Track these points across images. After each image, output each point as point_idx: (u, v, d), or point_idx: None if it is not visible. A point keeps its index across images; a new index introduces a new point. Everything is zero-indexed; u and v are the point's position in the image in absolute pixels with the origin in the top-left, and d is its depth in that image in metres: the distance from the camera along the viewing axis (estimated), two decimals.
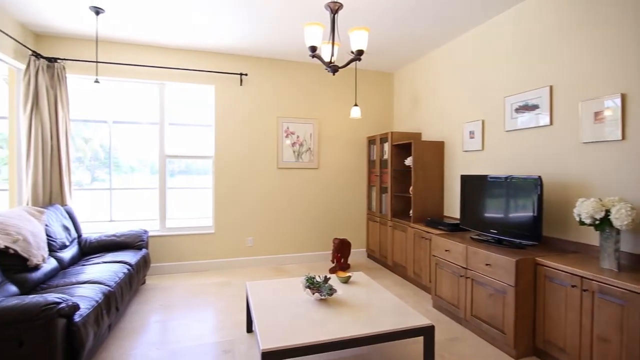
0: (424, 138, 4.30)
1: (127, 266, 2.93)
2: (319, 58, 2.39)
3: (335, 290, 2.28)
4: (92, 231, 3.73)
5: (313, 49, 2.32)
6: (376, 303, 2.28)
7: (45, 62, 3.50)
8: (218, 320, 2.90)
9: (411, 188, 3.88)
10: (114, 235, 3.47)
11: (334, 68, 2.44)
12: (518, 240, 2.55)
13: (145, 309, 3.09)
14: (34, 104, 3.37)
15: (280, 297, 2.38)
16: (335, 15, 2.37)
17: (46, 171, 3.44)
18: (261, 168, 4.45)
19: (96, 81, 3.22)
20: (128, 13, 3.19)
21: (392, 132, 4.22)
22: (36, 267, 2.49)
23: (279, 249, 4.55)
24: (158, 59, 4.03)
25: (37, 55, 3.42)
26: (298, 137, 4.56)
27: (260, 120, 4.44)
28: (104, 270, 2.70)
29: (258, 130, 4.43)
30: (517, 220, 2.58)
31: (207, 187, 4.48)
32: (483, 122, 3.36)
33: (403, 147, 4.20)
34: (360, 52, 2.35)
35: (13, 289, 2.25)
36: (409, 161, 4.00)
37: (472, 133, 3.48)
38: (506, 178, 2.72)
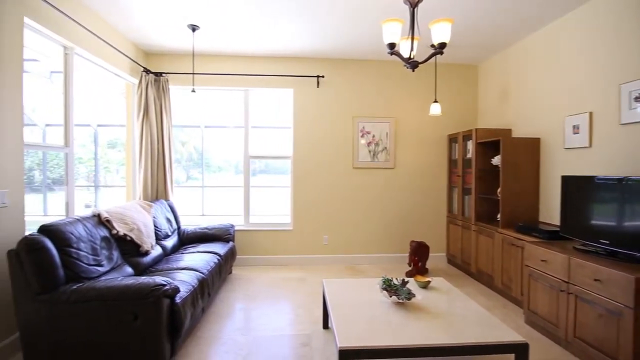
0: (514, 134, 3.89)
1: (217, 256, 3.24)
2: (398, 55, 2.33)
3: (413, 295, 2.19)
4: (187, 224, 4.21)
5: (392, 46, 2.27)
6: (459, 312, 2.14)
7: (153, 76, 4.05)
8: (296, 314, 3.02)
9: (499, 190, 3.54)
10: (206, 228, 3.86)
11: (413, 64, 2.35)
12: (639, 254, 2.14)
13: (231, 296, 3.38)
14: (145, 113, 3.93)
15: (356, 296, 2.38)
16: (415, 9, 2.29)
17: (153, 171, 3.98)
18: (337, 168, 4.51)
19: (193, 91, 3.62)
20: (218, 28, 3.52)
21: (476, 129, 3.90)
22: (146, 253, 2.91)
23: (354, 249, 4.56)
24: (243, 68, 4.36)
25: (147, 71, 3.98)
26: (374, 136, 4.51)
27: (336, 121, 4.50)
28: (198, 259, 3.02)
29: (334, 130, 4.50)
30: (636, 230, 2.17)
31: (285, 185, 4.70)
32: (590, 114, 2.89)
33: (489, 145, 3.85)
34: (442, 45, 2.22)
35: (129, 270, 2.65)
36: (496, 160, 3.66)
37: (576, 128, 3.03)
38: (621, 180, 2.30)
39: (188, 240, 3.78)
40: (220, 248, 3.48)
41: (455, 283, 3.75)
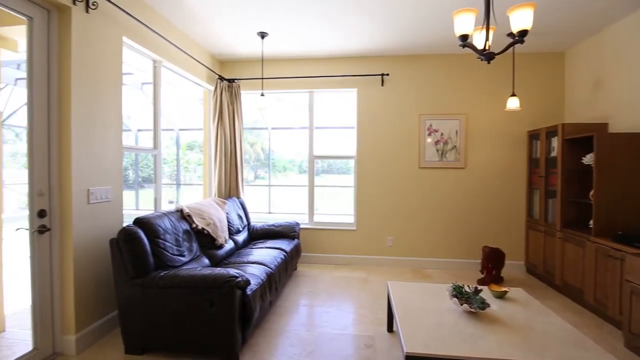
0: (612, 129, 3.38)
1: (284, 253, 3.37)
2: (472, 47, 2.18)
3: (488, 305, 2.04)
4: (255, 220, 4.45)
5: (464, 38, 2.13)
6: (541, 327, 1.93)
7: (227, 83, 4.36)
8: (359, 314, 3.01)
9: (592, 193, 3.11)
10: (273, 225, 4.05)
11: (489, 56, 2.18)
12: None
13: (296, 292, 3.48)
14: (219, 117, 4.24)
15: (423, 301, 2.29)
16: None
17: (227, 170, 4.28)
18: (402, 167, 4.38)
19: (262, 94, 3.82)
20: (285, 33, 3.65)
21: (563, 124, 3.48)
22: (220, 246, 3.14)
23: (420, 252, 4.38)
24: (308, 70, 4.47)
25: (221, 78, 4.30)
26: (442, 134, 4.29)
27: (402, 119, 4.37)
28: (266, 254, 3.17)
29: (399, 129, 4.38)
30: None
31: (348, 185, 4.70)
32: None
33: (579, 142, 3.41)
34: (523, 33, 2.03)
35: (206, 261, 2.89)
36: (588, 159, 3.22)
37: None
38: None
39: (257, 236, 3.99)
40: (286, 245, 3.61)
41: (536, 295, 3.40)
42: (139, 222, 2.42)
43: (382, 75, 4.32)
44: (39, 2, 2.15)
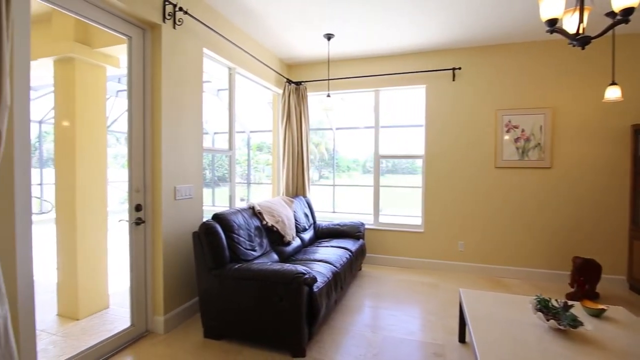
0: None
1: (349, 252, 3.37)
2: (561, 32, 1.95)
3: (581, 323, 1.79)
4: (320, 219, 4.52)
5: (552, 22, 1.91)
6: None
7: (294, 85, 4.51)
8: (427, 320, 2.88)
9: None
10: (338, 225, 4.08)
11: (584, 40, 1.92)
12: None
13: (361, 292, 3.46)
14: (287, 119, 4.41)
15: (501, 313, 2.10)
16: None
17: (294, 170, 4.43)
18: (476, 167, 4.08)
19: (328, 95, 3.87)
20: (351, 33, 3.65)
21: None
22: (288, 243, 3.26)
23: (495, 259, 4.04)
24: (374, 68, 4.40)
25: (289, 82, 4.46)
26: (523, 131, 3.90)
27: (476, 116, 4.07)
28: (332, 253, 3.21)
29: (473, 126, 4.09)
30: None
31: (415, 186, 4.53)
32: None
33: None
34: (628, 11, 1.75)
35: (275, 256, 3.03)
36: None
37: None
38: None
39: (322, 234, 4.06)
40: (352, 245, 3.61)
41: None
42: (216, 217, 2.63)
43: (454, 69, 4.08)
44: (136, 22, 2.45)
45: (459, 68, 4.07)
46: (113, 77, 5.13)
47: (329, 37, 3.74)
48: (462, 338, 2.50)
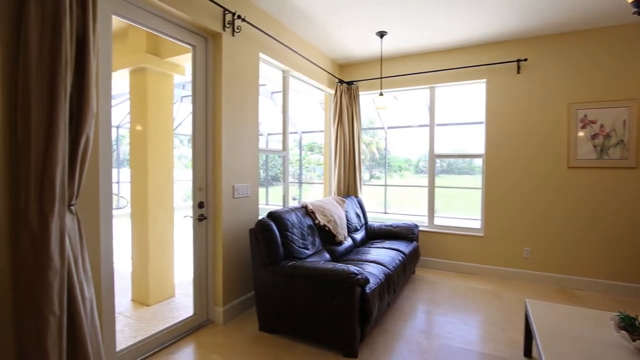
0: None
1: (402, 254, 3.28)
2: None
3: None
4: (371, 219, 4.46)
5: (639, 2, 1.69)
6: None
7: (346, 85, 4.50)
8: (487, 331, 2.70)
9: None
10: (390, 226, 3.99)
11: None
12: None
13: (414, 297, 3.35)
14: (339, 119, 4.42)
15: (574, 329, 1.90)
16: None
17: (345, 170, 4.42)
18: (545, 167, 3.73)
19: (380, 94, 3.81)
20: (404, 28, 3.54)
21: None
22: (340, 243, 3.27)
23: (567, 268, 3.66)
24: (429, 64, 4.23)
25: (340, 82, 4.47)
26: (602, 126, 3.48)
27: (544, 111, 3.73)
28: (384, 255, 3.15)
29: (540, 122, 3.74)
30: None
31: (473, 187, 4.28)
32: None
33: None
34: None
35: (327, 255, 3.05)
36: None
37: None
38: None
39: (374, 235, 4.00)
40: (405, 247, 3.51)
41: None
42: (271, 215, 2.72)
43: (519, 61, 3.77)
44: (199, 32, 2.63)
45: (525, 59, 3.75)
46: (178, 84, 5.56)
47: (381, 34, 3.67)
48: (527, 352, 2.30)
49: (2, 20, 1.43)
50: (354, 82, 4.53)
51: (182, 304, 3.15)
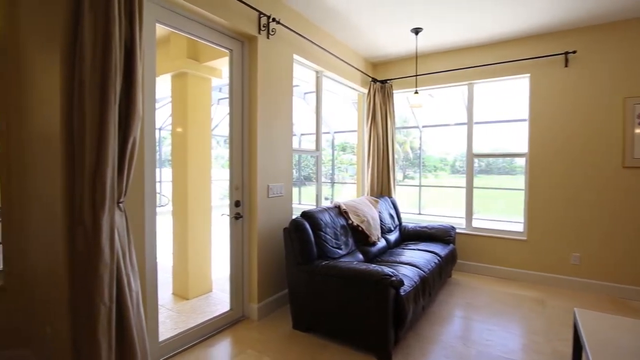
0: None
1: (438, 257, 3.19)
2: None
3: None
4: (405, 220, 4.36)
5: None
6: None
7: (379, 84, 4.44)
8: (530, 340, 2.55)
9: None
10: (425, 227, 3.88)
11: None
12: None
13: (450, 301, 3.24)
14: (372, 118, 4.37)
15: (632, 343, 1.74)
16: None
17: (379, 170, 4.37)
18: (597, 167, 3.45)
19: (416, 92, 3.72)
20: (440, 23, 3.43)
21: None
22: (373, 244, 3.23)
23: (620, 276, 3.37)
24: (466, 60, 4.07)
25: (374, 81, 4.41)
26: None
27: (595, 106, 3.46)
28: (419, 257, 3.07)
29: (591, 118, 3.48)
30: None
31: (515, 188, 4.06)
32: None
33: None
34: None
35: (360, 256, 3.02)
36: None
37: None
38: None
39: (408, 236, 3.91)
40: (441, 249, 3.40)
41: None
42: (305, 215, 2.74)
43: (567, 53, 3.52)
44: (236, 36, 2.70)
45: (574, 52, 3.50)
46: (215, 87, 5.76)
47: (416, 31, 3.58)
48: None
49: (61, 32, 1.56)
50: (388, 81, 4.46)
51: (219, 299, 3.26)
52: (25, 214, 2.06)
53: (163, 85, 3.69)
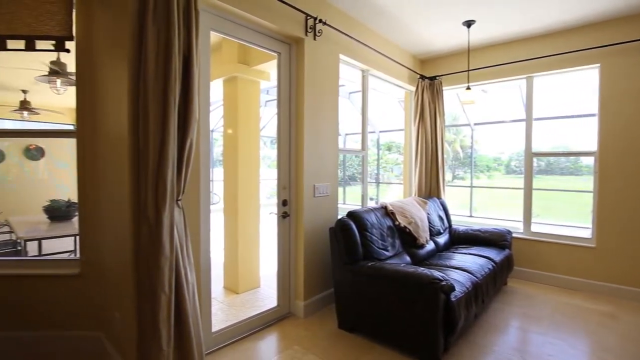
0: None
1: (492, 263, 3.00)
2: None
3: None
4: (455, 223, 4.16)
5: None
6: None
7: (428, 81, 4.29)
8: (599, 357, 2.31)
9: None
10: (478, 231, 3.67)
11: None
12: None
13: (506, 310, 3.04)
14: (420, 116, 4.23)
15: None
16: None
17: (427, 169, 4.22)
18: None
19: (468, 88, 3.54)
20: (495, 13, 3.23)
21: None
22: (421, 246, 3.13)
23: None
24: (525, 52, 3.78)
25: (422, 78, 4.27)
26: None
27: None
28: (471, 262, 2.92)
29: None
30: None
31: (580, 189, 3.69)
32: None
33: None
34: None
35: (407, 258, 2.95)
36: None
37: None
38: None
39: (458, 240, 3.73)
40: (495, 254, 3.20)
41: None
42: (351, 215, 2.73)
43: None
44: (284, 39, 2.77)
45: None
46: (263, 89, 5.95)
47: (469, 23, 3.41)
48: None
49: (128, 45, 1.71)
50: (437, 77, 4.29)
51: (267, 294, 3.37)
52: (98, 209, 2.29)
53: (214, 89, 3.89)
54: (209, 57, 2.22)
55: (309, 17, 2.77)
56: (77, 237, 2.59)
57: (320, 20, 2.82)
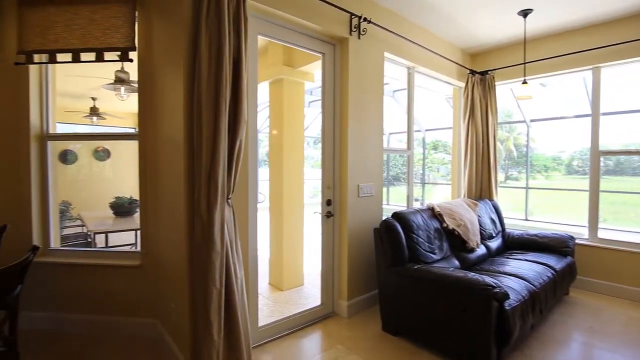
0: None
1: (551, 270, 2.77)
2: None
3: None
4: (509, 226, 3.90)
5: None
6: None
7: (479, 76, 4.07)
8: None
9: None
10: (535, 235, 3.41)
11: None
12: None
13: (568, 322, 2.79)
14: (471, 113, 4.02)
15: None
16: None
17: (478, 169, 4.00)
18: None
19: (524, 82, 3.30)
20: (555, 2, 2.97)
21: None
22: (472, 250, 2.98)
23: None
24: (590, 40, 3.44)
25: (472, 73, 4.06)
26: None
27: None
28: (528, 269, 2.72)
29: None
30: None
31: None
32: None
33: None
34: None
35: (456, 262, 2.82)
36: None
37: None
38: None
39: (513, 244, 3.49)
40: (555, 262, 2.94)
41: None
42: (396, 216, 2.67)
43: None
44: (328, 40, 2.78)
45: None
46: (306, 90, 6.03)
47: (525, 13, 3.18)
48: None
49: (183, 53, 1.82)
50: (489, 72, 4.05)
51: (310, 293, 3.40)
52: (156, 206, 2.47)
53: (260, 91, 4.02)
54: (256, 60, 2.30)
55: (353, 16, 2.75)
56: (138, 232, 2.81)
57: (365, 19, 2.79)
